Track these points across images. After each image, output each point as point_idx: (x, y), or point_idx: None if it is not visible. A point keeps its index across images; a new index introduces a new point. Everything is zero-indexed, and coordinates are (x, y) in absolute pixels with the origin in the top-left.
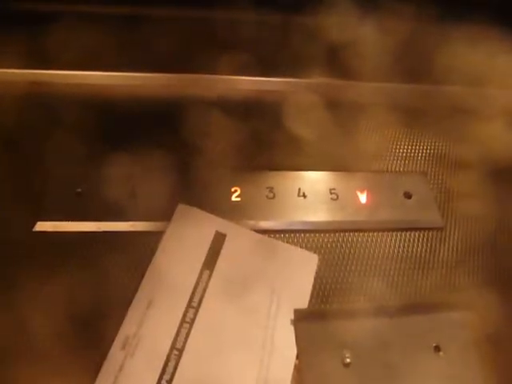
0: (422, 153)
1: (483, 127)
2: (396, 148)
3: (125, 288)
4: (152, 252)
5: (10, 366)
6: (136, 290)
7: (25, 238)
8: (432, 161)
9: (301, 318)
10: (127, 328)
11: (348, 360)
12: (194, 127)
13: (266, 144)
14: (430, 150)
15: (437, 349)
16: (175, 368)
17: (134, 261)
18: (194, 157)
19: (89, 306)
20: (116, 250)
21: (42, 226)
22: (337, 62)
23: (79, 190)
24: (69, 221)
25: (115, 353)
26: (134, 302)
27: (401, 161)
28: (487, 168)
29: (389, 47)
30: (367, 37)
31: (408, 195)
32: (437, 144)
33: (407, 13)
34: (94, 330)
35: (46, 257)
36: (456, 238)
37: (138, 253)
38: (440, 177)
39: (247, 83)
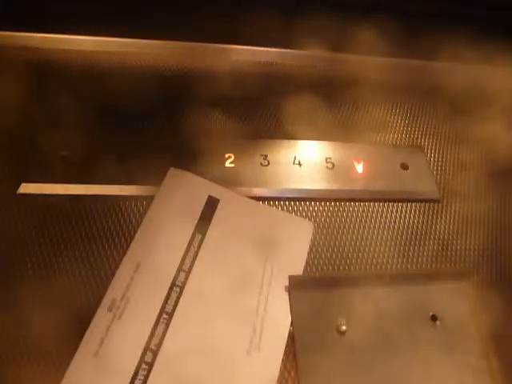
0: (420, 127)
1: (483, 104)
2: (394, 122)
3: (113, 252)
4: (141, 217)
5: None
6: (124, 254)
7: (8, 199)
8: (429, 135)
9: (296, 285)
10: (114, 290)
11: (343, 328)
12: (189, 96)
13: (261, 113)
14: (428, 124)
15: (433, 318)
16: (164, 332)
17: (122, 225)
18: (187, 123)
19: (75, 270)
20: (104, 214)
21: (27, 188)
22: (338, 34)
23: (65, 153)
24: (54, 183)
25: (102, 315)
26: (122, 264)
27: (398, 134)
28: (484, 144)
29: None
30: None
31: (405, 166)
32: (434, 119)
33: None
34: (81, 294)
35: (30, 220)
36: (452, 210)
37: (127, 217)
38: (437, 151)
39: (243, 53)
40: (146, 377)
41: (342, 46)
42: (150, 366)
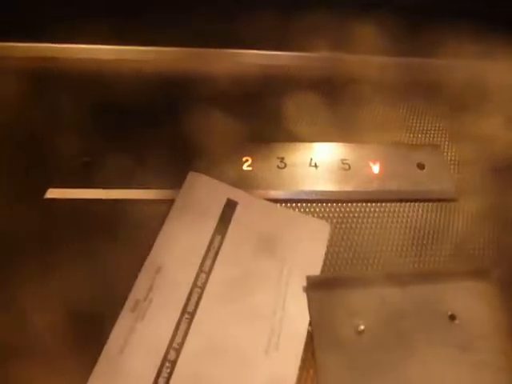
0: (436, 126)
1: (500, 102)
2: (409, 121)
3: (135, 255)
4: (162, 219)
5: None
6: (146, 257)
7: (36, 204)
8: (445, 134)
9: (313, 285)
10: (137, 292)
11: (361, 327)
12: (207, 100)
13: (277, 116)
14: (444, 123)
15: (452, 317)
16: (186, 331)
17: (144, 228)
18: (205, 126)
19: (99, 272)
20: (126, 217)
21: (53, 193)
22: (349, 36)
23: (88, 159)
24: (79, 188)
25: (125, 315)
26: (144, 267)
27: (414, 134)
28: (501, 143)
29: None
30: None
31: (421, 166)
32: (450, 118)
33: None
34: (105, 296)
35: (56, 223)
36: (469, 209)
37: (149, 220)
38: (453, 150)
39: (257, 57)
40: (170, 374)
41: (351, 47)
42: (173, 364)
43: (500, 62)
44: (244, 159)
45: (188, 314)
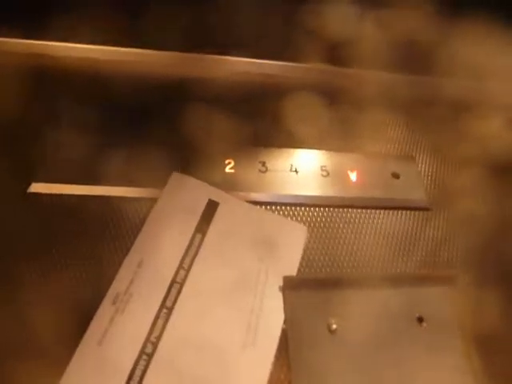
0: (412, 138)
1: (475, 119)
2: (387, 132)
3: (116, 250)
4: (144, 217)
5: None
6: (128, 252)
7: (19, 199)
8: (421, 146)
9: (289, 285)
10: (118, 285)
11: (334, 326)
12: (195, 103)
13: (261, 122)
14: (419, 136)
15: (420, 319)
16: (164, 326)
17: (126, 225)
18: (189, 129)
19: (80, 267)
20: (109, 214)
21: (36, 188)
22: (334, 48)
23: (73, 155)
24: (62, 183)
25: (106, 307)
26: (126, 261)
27: (390, 144)
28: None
29: (386, 37)
30: (367, 27)
31: (396, 176)
32: (426, 131)
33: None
34: (85, 290)
35: (38, 218)
36: (441, 218)
37: (131, 217)
38: (428, 161)
39: (241, 64)
40: (146, 367)
41: (338, 59)
42: (150, 356)
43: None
44: (227, 162)
45: (166, 308)
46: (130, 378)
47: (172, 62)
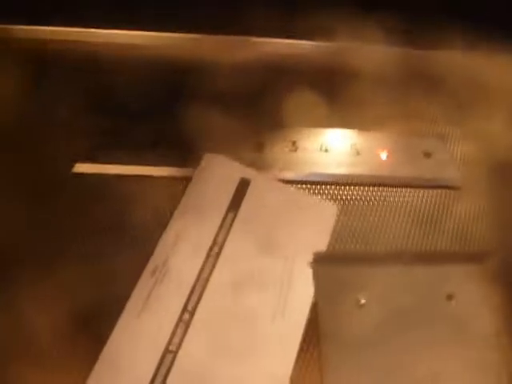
0: (443, 118)
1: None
2: (417, 112)
3: (154, 227)
4: (181, 195)
5: None
6: (165, 228)
7: (64, 178)
8: (452, 126)
9: (319, 261)
10: (157, 258)
11: (363, 301)
12: (221, 87)
13: (289, 102)
14: (451, 115)
15: (449, 297)
16: (200, 296)
17: (163, 204)
18: (221, 112)
19: (117, 244)
20: (150, 193)
21: (81, 168)
22: (357, 26)
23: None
24: (105, 164)
25: (145, 279)
26: (163, 236)
27: (422, 124)
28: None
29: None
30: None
31: (427, 154)
32: (458, 110)
33: None
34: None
35: (82, 197)
36: (472, 197)
37: (169, 195)
38: (459, 141)
39: (263, 44)
40: (183, 335)
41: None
42: (187, 325)
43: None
44: (257, 142)
45: (202, 280)
46: (169, 343)
47: (196, 44)
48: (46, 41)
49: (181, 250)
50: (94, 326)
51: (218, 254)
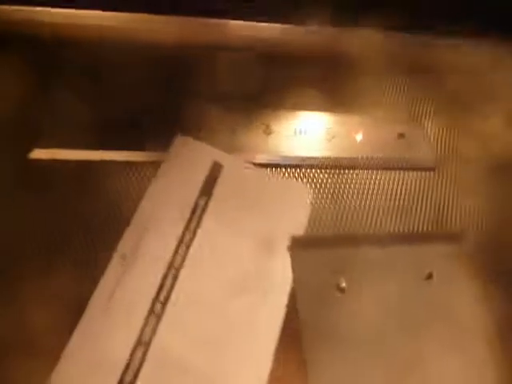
0: (417, 102)
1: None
2: (392, 96)
3: (122, 214)
4: (149, 181)
5: None
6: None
7: (21, 164)
8: (427, 108)
9: (297, 245)
10: (125, 245)
11: (343, 285)
12: (200, 70)
13: (263, 84)
14: (426, 100)
15: (429, 276)
16: (172, 285)
17: (131, 189)
18: (193, 92)
19: (83, 231)
20: (113, 179)
21: (39, 154)
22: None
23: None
24: (65, 149)
25: (114, 267)
26: (132, 221)
27: (396, 108)
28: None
29: None
30: None
31: (402, 136)
32: (432, 94)
33: None
34: (90, 253)
35: (40, 185)
36: (447, 179)
37: (135, 181)
38: (434, 122)
39: (243, 28)
40: (156, 325)
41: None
42: (159, 315)
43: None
44: (230, 125)
45: (174, 268)
46: (141, 334)
47: (178, 26)
48: None
49: (151, 237)
50: None
51: (191, 240)
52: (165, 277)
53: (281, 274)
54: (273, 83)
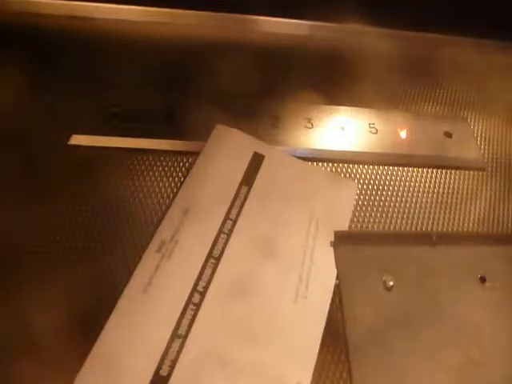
0: (463, 98)
1: None
2: (437, 93)
3: (159, 201)
4: (188, 171)
5: None
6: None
7: (60, 150)
8: (473, 106)
9: (341, 240)
10: (163, 232)
11: (391, 283)
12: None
13: (306, 79)
14: (472, 95)
15: (482, 279)
16: (212, 276)
17: (169, 178)
18: (234, 85)
19: (121, 217)
20: (151, 167)
21: (77, 140)
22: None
23: (116, 109)
24: (103, 136)
25: (150, 254)
26: (171, 209)
27: (442, 105)
28: None
29: None
30: None
31: (448, 135)
32: (478, 91)
33: None
34: (126, 239)
35: (80, 171)
36: (497, 179)
37: (174, 171)
38: (481, 121)
39: (274, 24)
40: (194, 316)
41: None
42: (198, 306)
43: None
44: (272, 117)
45: (214, 258)
46: (178, 327)
47: (207, 21)
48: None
49: (190, 225)
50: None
51: (231, 231)
52: (204, 266)
53: (324, 269)
54: (311, 79)
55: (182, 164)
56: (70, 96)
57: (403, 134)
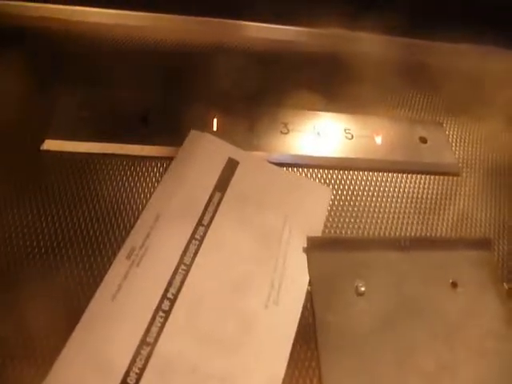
0: (438, 103)
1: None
2: (413, 99)
3: (133, 207)
4: (161, 176)
5: None
6: (143, 208)
7: (32, 155)
8: (448, 112)
9: (314, 246)
10: (134, 239)
11: (362, 289)
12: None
13: (282, 84)
14: (446, 101)
15: (454, 284)
16: (182, 282)
17: (142, 183)
18: (209, 90)
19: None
20: (124, 172)
21: (50, 145)
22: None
23: (87, 113)
24: (76, 141)
25: (120, 261)
26: (142, 215)
27: (417, 111)
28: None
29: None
30: None
31: (423, 140)
32: (453, 96)
33: None
34: (99, 244)
35: (52, 176)
36: (472, 184)
37: (147, 176)
38: (456, 126)
39: (257, 30)
40: (163, 323)
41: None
42: (167, 313)
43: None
44: (248, 122)
45: (185, 265)
46: (147, 334)
47: (188, 26)
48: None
49: (161, 232)
50: None
51: (203, 237)
52: (175, 273)
53: (297, 274)
54: (290, 84)
55: (156, 169)
56: (42, 100)
57: (378, 139)
